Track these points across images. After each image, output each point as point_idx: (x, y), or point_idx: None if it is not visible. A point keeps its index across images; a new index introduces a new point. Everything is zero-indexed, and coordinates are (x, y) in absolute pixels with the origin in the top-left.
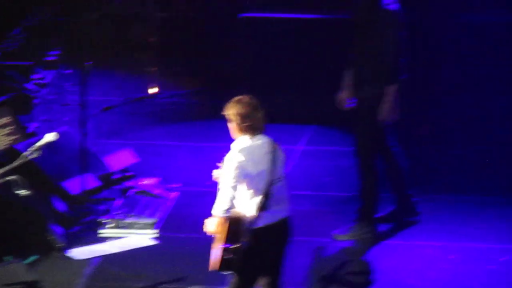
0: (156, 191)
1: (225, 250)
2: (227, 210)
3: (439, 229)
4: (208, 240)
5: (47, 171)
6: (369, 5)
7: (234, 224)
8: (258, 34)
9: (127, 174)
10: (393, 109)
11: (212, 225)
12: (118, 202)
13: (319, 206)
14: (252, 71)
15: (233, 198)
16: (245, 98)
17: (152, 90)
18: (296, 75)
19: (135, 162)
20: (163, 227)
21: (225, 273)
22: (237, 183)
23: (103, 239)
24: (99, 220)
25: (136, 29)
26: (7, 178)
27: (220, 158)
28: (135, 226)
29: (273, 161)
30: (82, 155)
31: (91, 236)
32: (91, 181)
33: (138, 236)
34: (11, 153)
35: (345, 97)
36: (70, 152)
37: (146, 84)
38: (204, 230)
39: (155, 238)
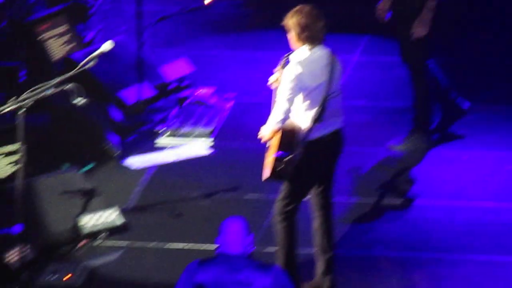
0: (212, 101)
1: (278, 160)
2: (282, 121)
3: (495, 139)
4: (263, 149)
5: (103, 80)
6: None
7: (288, 135)
8: None
9: (183, 83)
10: (429, 23)
11: (267, 133)
12: (174, 111)
13: (375, 116)
14: None
15: (289, 110)
16: (305, 7)
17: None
18: None
19: (191, 71)
20: (218, 136)
21: (277, 181)
22: (294, 95)
23: (159, 148)
24: (155, 129)
25: None
26: (64, 87)
27: (275, 66)
28: (191, 135)
29: (331, 73)
30: (138, 65)
31: (147, 145)
32: (147, 91)
33: (194, 145)
34: (68, 62)
35: (385, 8)
36: (127, 62)
37: None
38: (258, 137)
39: (211, 147)
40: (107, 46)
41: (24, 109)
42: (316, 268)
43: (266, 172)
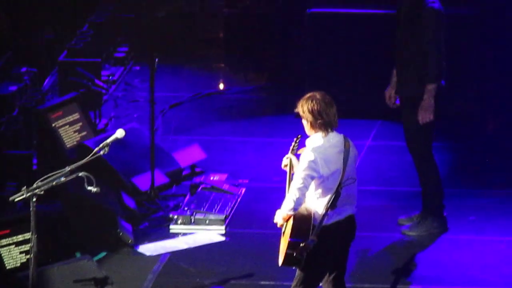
0: (225, 187)
1: (292, 246)
2: (295, 208)
3: (509, 224)
4: (276, 235)
5: (116, 167)
6: (414, 3)
7: (302, 221)
8: (324, 29)
9: (196, 170)
10: (432, 108)
11: (280, 219)
12: (187, 198)
13: (387, 201)
14: (318, 66)
15: (303, 196)
16: (318, 94)
17: (220, 86)
18: (362, 70)
19: (203, 158)
20: (231, 223)
21: (292, 267)
22: (308, 183)
23: (173, 235)
24: (168, 216)
25: (202, 25)
26: (78, 174)
27: (287, 153)
28: (204, 222)
29: (346, 160)
30: (151, 151)
31: (160, 232)
32: (160, 177)
33: (207, 232)
34: (81, 149)
35: (392, 95)
36: (140, 149)
37: (214, 80)
38: (273, 222)
39: (224, 234)
40: (119, 133)
41: (36, 197)
42: None
43: (281, 258)
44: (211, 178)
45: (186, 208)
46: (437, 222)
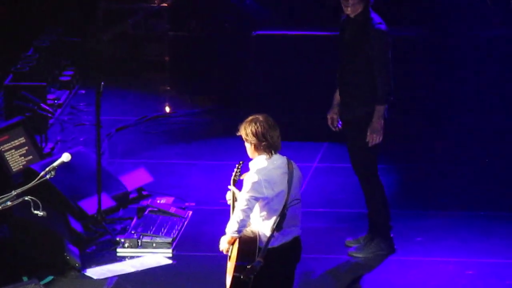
0: (171, 210)
1: (238, 269)
2: (239, 231)
3: (457, 245)
4: (224, 258)
5: (63, 191)
6: (360, 24)
7: (248, 243)
8: (270, 51)
9: (143, 193)
10: (381, 130)
11: (225, 243)
12: (134, 221)
13: (333, 223)
14: (263, 89)
15: (247, 219)
16: (261, 116)
17: (166, 109)
18: (308, 92)
19: (150, 181)
20: (178, 246)
21: None
22: (252, 205)
23: (120, 259)
24: (115, 239)
25: (148, 48)
26: (24, 198)
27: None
28: (151, 245)
29: (290, 182)
30: (98, 175)
31: (107, 256)
32: (107, 201)
33: (154, 255)
34: (27, 173)
35: (335, 117)
36: (86, 172)
37: (160, 103)
38: (219, 248)
39: (171, 257)
40: (65, 157)
41: None
42: None
43: (228, 282)
44: (158, 201)
45: (133, 232)
46: (384, 244)
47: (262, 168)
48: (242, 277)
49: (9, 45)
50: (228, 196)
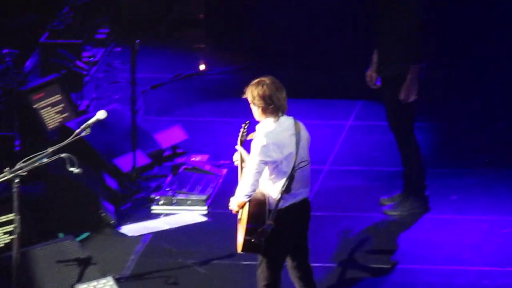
0: (206, 168)
1: (249, 232)
2: (249, 194)
3: (492, 203)
4: None
5: (98, 148)
6: None
7: (258, 206)
8: (304, 8)
9: (177, 151)
10: (415, 88)
11: (235, 206)
12: (169, 178)
13: (368, 181)
14: (298, 46)
15: (256, 182)
16: (267, 79)
17: (201, 67)
18: (344, 50)
19: (184, 139)
20: (213, 203)
21: (251, 253)
22: (261, 168)
23: (155, 216)
24: (150, 197)
25: (184, 5)
26: (59, 156)
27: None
28: (186, 202)
29: (298, 143)
30: (132, 132)
31: (142, 213)
32: (141, 158)
33: (188, 213)
34: (63, 130)
35: (373, 75)
36: (121, 130)
37: (195, 61)
38: (229, 208)
39: (206, 215)
40: (101, 115)
41: (19, 178)
42: None
43: (239, 245)
44: (193, 159)
45: (168, 189)
46: (418, 202)
47: (270, 131)
48: (253, 240)
49: (45, 3)
50: (236, 157)
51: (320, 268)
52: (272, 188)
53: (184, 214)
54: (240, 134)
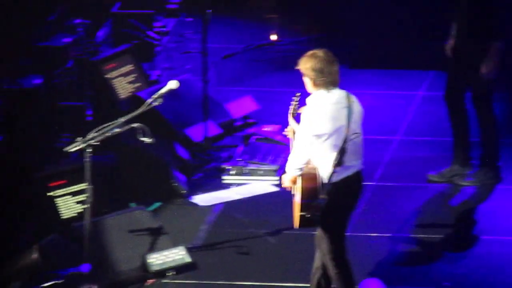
0: (277, 138)
1: (304, 207)
2: (301, 168)
3: None
4: None
5: (169, 118)
6: None
7: (310, 181)
8: None
9: (248, 121)
10: (497, 62)
11: (287, 181)
12: (240, 149)
13: (441, 152)
14: (369, 18)
15: (307, 155)
16: (319, 52)
17: (272, 37)
18: (416, 22)
19: (256, 109)
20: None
21: (307, 228)
22: (311, 141)
23: (226, 186)
24: (221, 167)
25: None
26: (131, 125)
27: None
28: (257, 172)
29: (349, 116)
30: (204, 103)
31: (213, 183)
32: (213, 128)
33: (260, 183)
34: (135, 100)
35: (452, 47)
36: (192, 100)
37: (266, 31)
38: (282, 186)
39: (277, 185)
40: (172, 84)
41: (91, 148)
42: None
43: (296, 221)
44: (264, 129)
45: (239, 159)
46: (491, 172)
47: (321, 104)
48: (308, 215)
49: None
50: (288, 131)
51: (392, 239)
52: (324, 162)
53: (255, 184)
54: (292, 107)
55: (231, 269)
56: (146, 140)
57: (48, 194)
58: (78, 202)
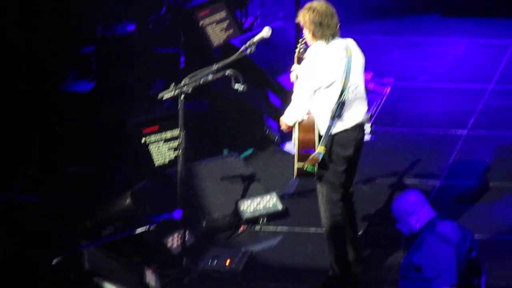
0: (370, 86)
1: (302, 158)
2: (298, 118)
3: None
4: (421, 135)
5: (262, 66)
6: None
7: (306, 132)
8: None
9: None
10: None
11: (284, 125)
12: None
13: None
14: None
15: (305, 107)
16: (318, 4)
17: None
18: None
19: None
20: (377, 121)
21: (307, 178)
22: (310, 92)
23: None
24: None
25: None
26: (224, 73)
27: (432, 54)
28: None
29: (349, 67)
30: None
31: None
32: None
33: None
34: (227, 47)
35: None
36: (285, 47)
37: None
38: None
39: (370, 133)
40: (265, 32)
41: (184, 95)
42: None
43: (295, 171)
44: None
45: None
46: None
47: (318, 55)
48: (305, 167)
49: None
50: (293, 77)
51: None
52: (321, 114)
53: None
54: (297, 50)
55: None
56: (239, 87)
57: (142, 140)
58: (171, 149)
